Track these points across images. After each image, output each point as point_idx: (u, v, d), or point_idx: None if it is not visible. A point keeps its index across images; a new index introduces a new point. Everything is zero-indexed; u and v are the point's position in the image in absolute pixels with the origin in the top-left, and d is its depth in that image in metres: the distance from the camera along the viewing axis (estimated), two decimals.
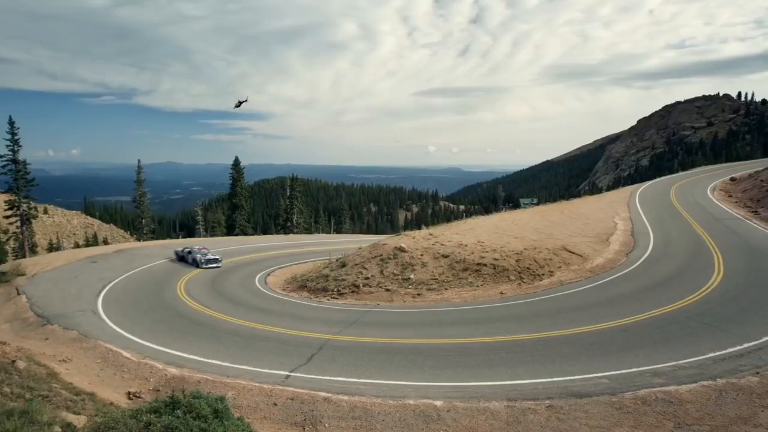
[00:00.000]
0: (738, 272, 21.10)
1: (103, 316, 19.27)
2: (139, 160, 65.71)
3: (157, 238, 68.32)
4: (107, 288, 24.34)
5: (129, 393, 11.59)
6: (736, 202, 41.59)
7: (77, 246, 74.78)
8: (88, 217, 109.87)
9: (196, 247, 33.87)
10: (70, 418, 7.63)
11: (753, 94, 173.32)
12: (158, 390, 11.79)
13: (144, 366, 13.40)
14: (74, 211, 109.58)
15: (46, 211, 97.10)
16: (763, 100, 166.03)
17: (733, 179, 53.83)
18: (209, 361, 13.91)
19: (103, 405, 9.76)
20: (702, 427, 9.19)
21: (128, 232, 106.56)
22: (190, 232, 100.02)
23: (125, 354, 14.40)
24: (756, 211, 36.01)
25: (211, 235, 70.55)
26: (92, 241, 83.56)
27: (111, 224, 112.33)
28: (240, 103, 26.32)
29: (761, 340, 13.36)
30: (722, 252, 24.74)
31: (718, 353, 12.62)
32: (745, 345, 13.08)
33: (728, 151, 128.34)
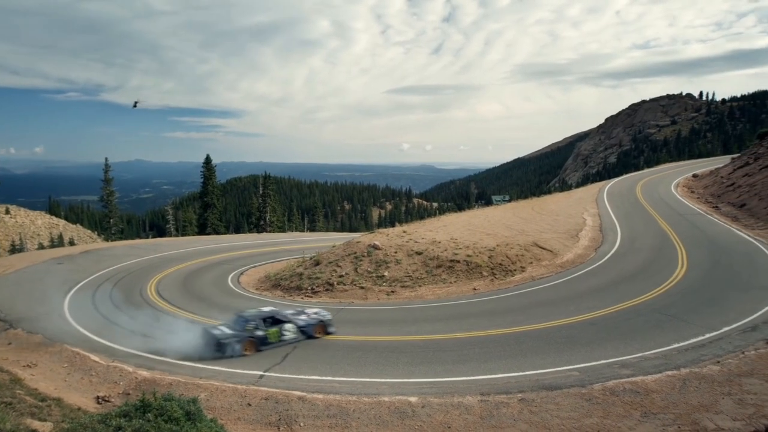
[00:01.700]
0: (700, 265, 21.87)
1: (70, 319, 18.73)
2: (106, 158, 63.87)
3: (126, 238, 66.68)
4: (74, 290, 23.65)
5: (98, 397, 11.32)
6: (698, 197, 43.02)
7: (42, 247, 72.41)
8: (53, 217, 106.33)
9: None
10: (35, 425, 7.42)
11: (713, 94, 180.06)
12: (128, 393, 11.55)
13: (113, 369, 13.09)
14: (38, 212, 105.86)
15: (8, 212, 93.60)
16: (723, 100, 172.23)
17: (695, 176, 55.64)
18: (181, 362, 13.68)
19: (71, 410, 9.51)
20: (667, 415, 9.51)
21: (95, 233, 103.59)
22: (160, 232, 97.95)
23: (93, 357, 14.03)
24: (716, 207, 37.33)
25: (183, 235, 69.25)
26: (57, 242, 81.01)
27: (77, 224, 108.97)
28: (135, 104, 31.99)
29: (721, 330, 13.90)
30: (685, 246, 25.59)
31: (681, 344, 13.08)
32: (707, 335, 13.60)
33: (691, 148, 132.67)
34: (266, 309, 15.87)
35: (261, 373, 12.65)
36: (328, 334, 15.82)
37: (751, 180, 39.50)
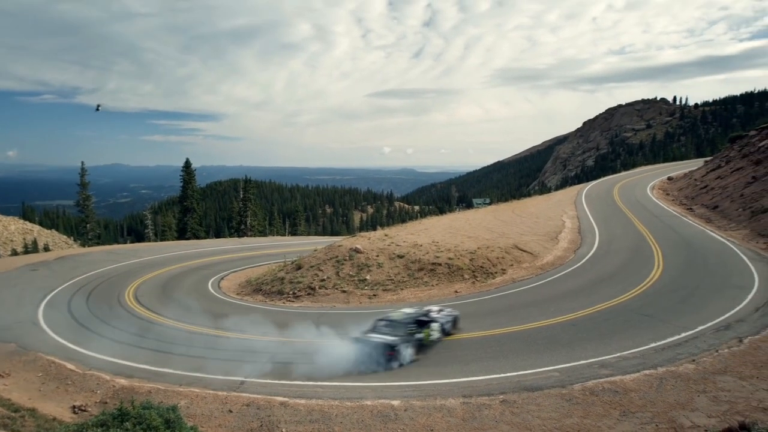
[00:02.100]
0: (675, 266, 22.35)
1: (45, 327, 18.28)
2: (82, 162, 62.55)
3: (103, 244, 65.40)
4: (48, 297, 23.08)
5: (74, 407, 11.08)
6: (673, 200, 43.97)
7: (15, 253, 70.45)
8: (27, 222, 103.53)
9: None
10: None
11: (686, 99, 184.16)
12: (106, 402, 11.33)
13: (90, 377, 12.82)
14: (11, 217, 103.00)
15: None
16: (696, 104, 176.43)
17: (670, 178, 56.85)
18: (160, 369, 13.47)
19: (45, 421, 9.30)
20: (645, 413, 9.69)
21: (71, 238, 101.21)
22: (139, 237, 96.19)
23: (69, 366, 13.73)
24: (690, 209, 38.21)
25: (162, 240, 68.21)
26: (32, 248, 78.89)
27: (52, 230, 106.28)
28: (98, 107, 33.33)
29: (696, 330, 14.23)
30: (661, 247, 26.11)
31: (658, 343, 13.35)
32: (683, 334, 13.90)
33: (665, 151, 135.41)
34: (410, 310, 14.93)
35: (242, 379, 12.53)
36: (456, 330, 15.44)
37: (723, 182, 40.53)
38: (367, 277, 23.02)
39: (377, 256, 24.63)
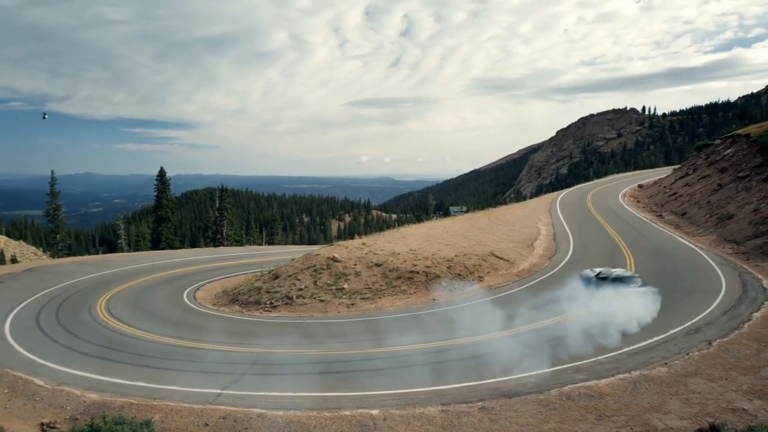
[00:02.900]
0: (647, 271, 22.84)
1: (11, 341, 17.64)
2: (52, 171, 60.77)
3: (74, 255, 63.62)
4: (16, 310, 22.29)
5: (42, 424, 10.70)
6: (644, 207, 45.08)
7: None
8: None
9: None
10: None
11: (655, 109, 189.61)
12: (76, 419, 10.98)
13: (60, 393, 12.41)
14: None
15: None
16: (664, 114, 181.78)
17: (640, 186, 58.27)
18: (134, 383, 13.11)
19: None
20: (620, 417, 9.87)
21: (40, 249, 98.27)
22: (111, 248, 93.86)
23: (37, 381, 13.26)
24: (660, 215, 39.24)
25: (136, 250, 66.74)
26: None
27: (20, 241, 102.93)
28: (44, 115, 34.67)
29: (668, 333, 14.60)
30: (633, 253, 26.71)
31: (632, 347, 13.65)
32: (655, 338, 14.23)
33: (636, 160, 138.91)
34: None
35: (219, 391, 12.31)
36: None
37: (690, 190, 41.76)
38: (345, 286, 22.95)
39: (355, 264, 24.58)
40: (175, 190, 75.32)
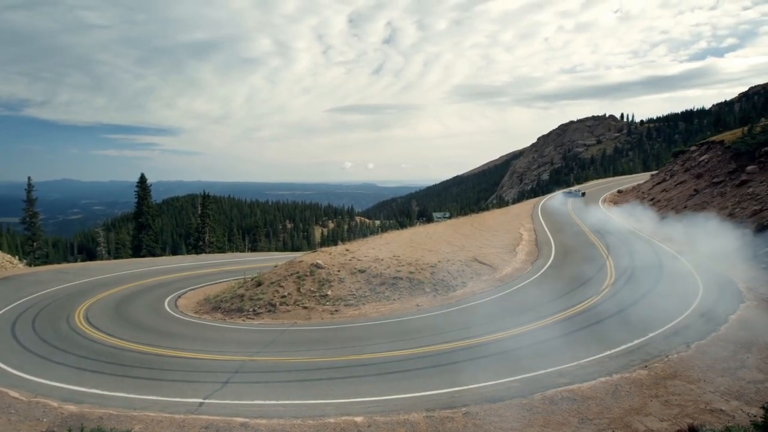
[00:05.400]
0: (626, 275, 23.27)
1: None
2: (29, 177, 59.42)
3: (51, 263, 62.22)
4: None
5: None
6: (623, 211, 45.85)
7: None
8: None
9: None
10: None
11: (633, 116, 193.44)
12: (53, 431, 10.73)
13: (36, 405, 12.11)
14: None
15: None
16: (641, 121, 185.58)
17: (620, 191, 59.33)
18: (113, 393, 12.85)
19: None
20: (602, 420, 9.99)
21: (16, 257, 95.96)
22: (90, 255, 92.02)
23: (12, 393, 12.92)
24: (639, 220, 39.92)
25: (116, 257, 65.59)
26: None
27: None
28: None
29: (648, 336, 14.83)
30: (613, 258, 27.15)
31: (613, 350, 13.84)
32: (635, 341, 14.46)
33: (615, 166, 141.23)
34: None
35: (200, 400, 12.13)
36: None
37: (668, 195, 42.63)
38: (329, 293, 22.85)
39: (338, 271, 24.51)
40: (157, 197, 74.33)
